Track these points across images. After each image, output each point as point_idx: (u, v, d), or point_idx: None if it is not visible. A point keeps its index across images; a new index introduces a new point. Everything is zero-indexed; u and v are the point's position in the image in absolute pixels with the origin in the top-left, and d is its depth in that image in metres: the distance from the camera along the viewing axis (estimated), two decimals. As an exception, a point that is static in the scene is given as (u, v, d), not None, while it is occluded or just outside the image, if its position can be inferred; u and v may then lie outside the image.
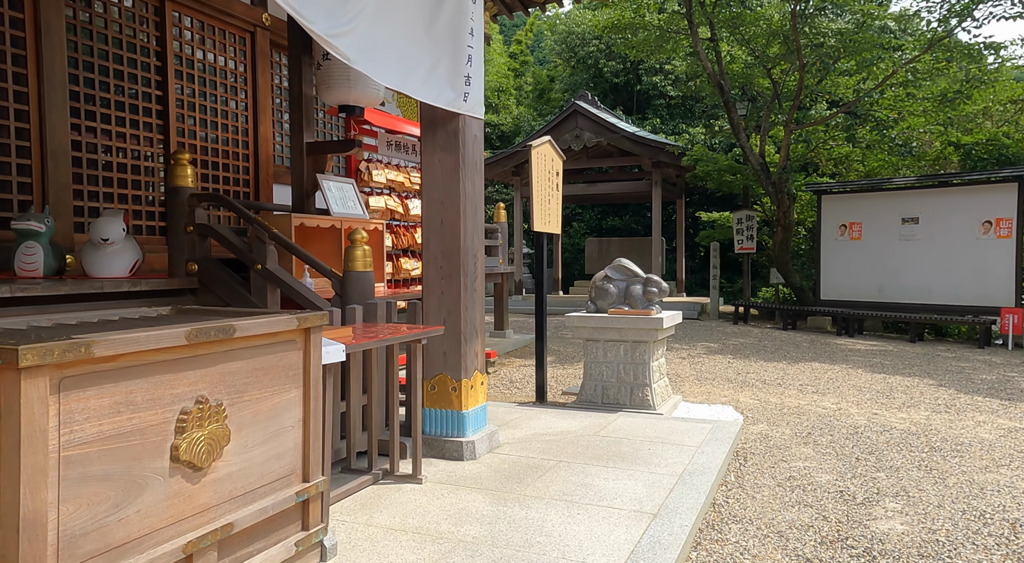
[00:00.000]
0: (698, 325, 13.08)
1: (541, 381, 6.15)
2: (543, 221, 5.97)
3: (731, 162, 14.11)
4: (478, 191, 4.28)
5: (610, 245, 19.11)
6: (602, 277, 5.86)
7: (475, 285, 4.23)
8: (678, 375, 7.70)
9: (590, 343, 5.74)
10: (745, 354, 9.38)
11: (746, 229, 14.44)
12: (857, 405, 6.23)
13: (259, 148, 6.61)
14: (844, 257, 12.75)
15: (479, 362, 4.29)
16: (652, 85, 21.46)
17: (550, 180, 6.14)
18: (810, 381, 7.39)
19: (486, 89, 24.11)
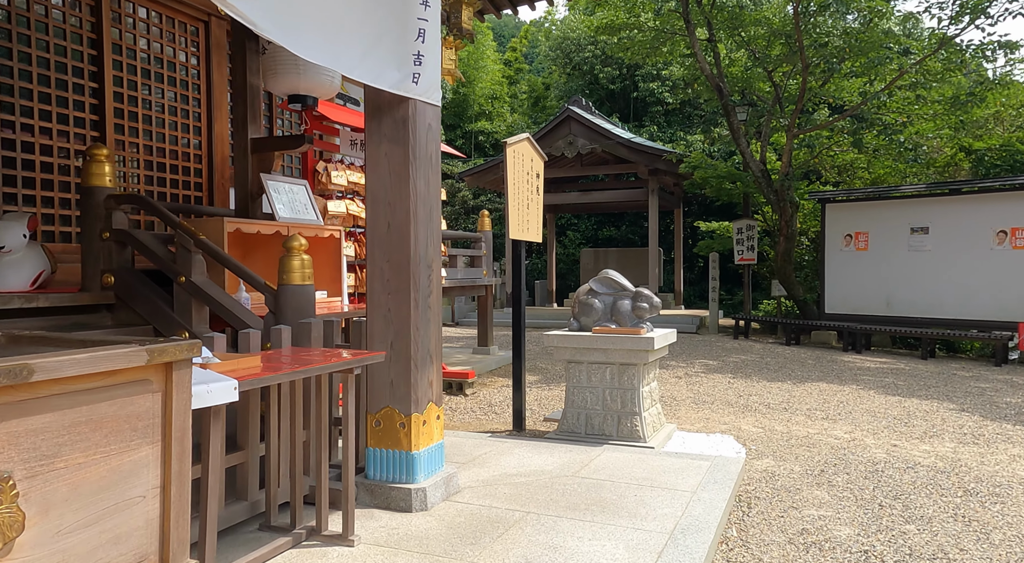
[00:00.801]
0: (696, 340, 12.42)
1: (519, 406, 5.49)
2: (521, 228, 5.34)
3: (731, 169, 13.51)
4: (433, 190, 3.64)
5: (607, 256, 18.49)
6: (586, 291, 5.22)
7: (429, 301, 3.59)
8: (673, 398, 7.03)
9: (572, 365, 5.09)
10: (747, 373, 8.71)
11: (746, 239, 13.82)
12: (873, 434, 5.56)
13: (214, 148, 5.98)
14: (850, 269, 12.11)
15: (434, 392, 3.63)
16: (649, 91, 20.92)
17: (529, 182, 5.51)
18: (818, 405, 6.73)
19: (478, 95, 23.60)
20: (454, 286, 8.52)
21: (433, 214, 3.65)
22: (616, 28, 12.65)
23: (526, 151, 5.42)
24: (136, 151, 5.38)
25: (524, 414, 5.55)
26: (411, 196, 3.46)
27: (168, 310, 3.98)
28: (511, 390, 7.31)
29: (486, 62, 24.08)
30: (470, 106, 23.14)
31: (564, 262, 21.19)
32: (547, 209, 18.93)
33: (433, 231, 3.64)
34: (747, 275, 14.19)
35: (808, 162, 13.17)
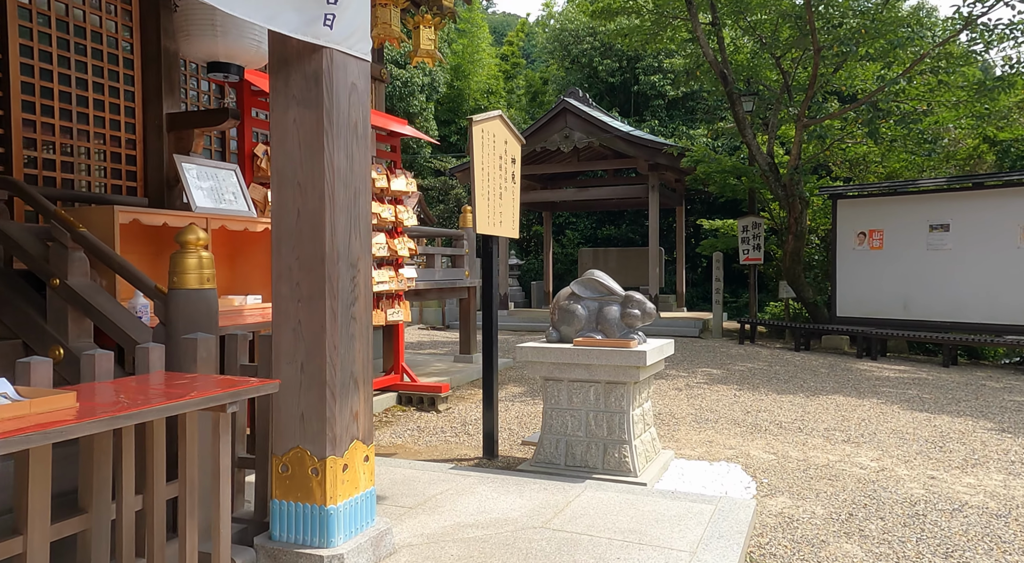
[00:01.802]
0: (699, 345, 11.62)
1: (490, 429, 4.70)
2: (491, 221, 4.55)
3: (736, 163, 12.70)
4: (359, 169, 2.85)
5: (606, 255, 17.70)
6: (567, 295, 4.43)
7: (353, 311, 2.80)
8: (672, 415, 6.23)
9: (550, 383, 4.30)
10: (754, 383, 7.91)
11: (752, 238, 13.01)
12: (905, 462, 4.76)
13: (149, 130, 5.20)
14: (863, 269, 11.30)
15: (360, 427, 2.84)
16: (650, 84, 20.12)
17: (502, 168, 4.72)
18: (837, 423, 5.93)
19: (473, 90, 22.83)
20: (431, 288, 7.74)
21: (359, 199, 2.86)
22: (613, 12, 11.85)
23: (498, 131, 4.63)
24: (51, 133, 4.60)
25: (496, 438, 4.76)
26: (326, 174, 2.67)
27: (40, 319, 3.21)
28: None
29: (481, 56, 23.30)
30: (465, 101, 22.38)
31: (562, 262, 20.40)
32: (543, 206, 18.13)
33: (358, 220, 2.85)
34: (753, 276, 13.39)
35: (818, 155, 12.36)
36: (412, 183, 6.28)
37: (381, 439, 5.32)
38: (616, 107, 20.96)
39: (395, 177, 6.11)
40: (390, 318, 6.17)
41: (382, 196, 6.10)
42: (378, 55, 8.92)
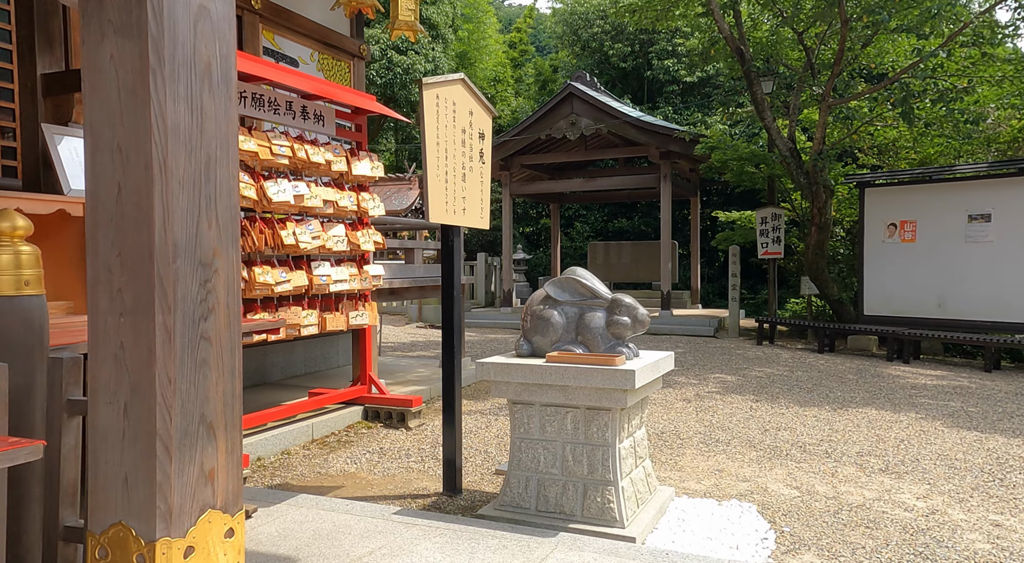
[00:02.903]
0: (714, 346, 10.73)
1: (451, 456, 3.89)
2: (449, 207, 3.73)
3: (754, 150, 11.76)
4: (216, 129, 2.03)
5: (620, 250, 16.80)
6: (541, 298, 3.60)
7: (205, 329, 1.99)
8: (677, 435, 5.39)
9: (519, 408, 3.48)
10: (773, 393, 7.03)
11: (772, 230, 12.07)
12: (959, 502, 3.89)
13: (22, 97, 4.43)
14: (894, 263, 10.35)
15: (219, 491, 2.04)
16: (664, 69, 19.15)
17: (466, 144, 3.90)
18: (871, 445, 5.05)
19: (480, 78, 21.99)
20: (411, 287, 6.95)
21: (218, 171, 2.04)
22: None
23: (460, 99, 3.81)
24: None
25: (460, 467, 3.95)
26: (154, 133, 1.86)
27: None
28: (481, 417, 5.73)
29: (488, 43, 22.43)
30: (471, 89, 21.54)
31: (571, 256, 19.54)
32: (550, 198, 17.27)
33: (214, 201, 2.04)
34: (772, 271, 12.46)
35: (843, 140, 11.38)
36: (378, 167, 5.49)
37: (333, 466, 4.54)
38: (628, 94, 20.02)
39: (358, 160, 5.31)
40: (353, 322, 5.39)
41: (341, 182, 5.31)
42: (356, 29, 8.12)
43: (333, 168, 5.06)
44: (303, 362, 7.23)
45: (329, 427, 5.31)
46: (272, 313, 4.64)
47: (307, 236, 4.75)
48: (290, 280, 4.69)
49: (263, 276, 4.44)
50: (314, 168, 4.93)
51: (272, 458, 4.63)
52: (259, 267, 4.46)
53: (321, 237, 4.91)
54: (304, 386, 6.50)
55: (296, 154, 4.66)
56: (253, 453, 4.55)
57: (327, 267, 5.05)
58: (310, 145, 4.84)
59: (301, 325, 4.82)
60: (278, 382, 6.77)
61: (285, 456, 4.69)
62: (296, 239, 4.64)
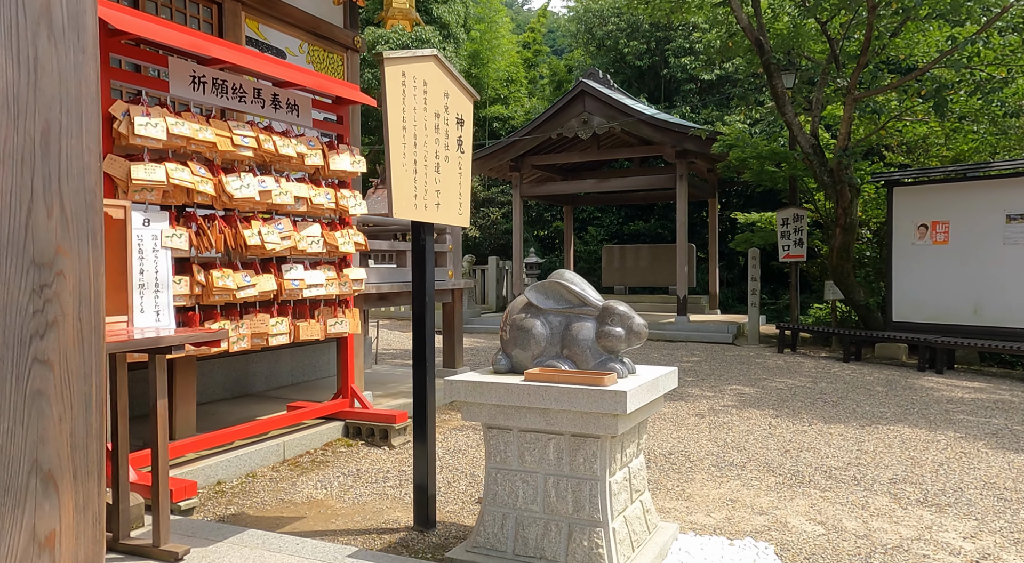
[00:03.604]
0: (732, 354, 10.16)
1: (423, 482, 3.41)
2: (419, 200, 3.27)
3: (774, 147, 11.18)
4: (62, 89, 1.58)
5: (635, 253, 16.25)
6: (522, 305, 3.12)
7: (40, 350, 1.52)
8: (687, 457, 4.86)
9: (494, 433, 3.00)
10: (795, 407, 6.48)
11: (793, 232, 11.47)
12: (1015, 544, 3.34)
13: None
14: (924, 266, 9.71)
15: (64, 557, 1.58)
16: (681, 67, 18.58)
17: (440, 130, 3.43)
18: (906, 470, 4.50)
19: (492, 78, 21.59)
20: (403, 292, 6.50)
21: (59, 142, 1.58)
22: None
23: (433, 77, 3.35)
24: None
25: (433, 498, 3.47)
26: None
27: None
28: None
29: (501, 42, 22.01)
30: (484, 90, 21.12)
31: (585, 260, 19.02)
32: (563, 200, 16.78)
33: (60, 182, 1.58)
34: (794, 275, 11.85)
35: (870, 137, 10.76)
36: (360, 162, 5.05)
37: (300, 491, 4.09)
38: (644, 93, 19.48)
39: (336, 154, 4.88)
40: (332, 330, 4.95)
41: (318, 177, 4.88)
42: (350, 19, 7.71)
43: (307, 162, 4.63)
44: (289, 372, 6.81)
45: (304, 445, 4.87)
46: (235, 321, 4.21)
47: (275, 236, 4.31)
48: (255, 284, 4.25)
49: (223, 280, 4.01)
50: (284, 162, 4.50)
51: (235, 482, 4.19)
52: (218, 270, 4.03)
53: (292, 237, 4.47)
54: (289, 398, 6.07)
55: (262, 145, 4.23)
56: (212, 477, 4.12)
57: (300, 270, 4.61)
58: (279, 136, 4.41)
59: (269, 334, 4.39)
60: (261, 393, 6.35)
61: (249, 479, 4.25)
62: (262, 239, 4.21)
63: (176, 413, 4.25)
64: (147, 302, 3.61)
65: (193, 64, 4.04)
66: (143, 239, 3.60)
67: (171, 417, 4.26)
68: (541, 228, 20.56)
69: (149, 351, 2.83)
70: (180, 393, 4.28)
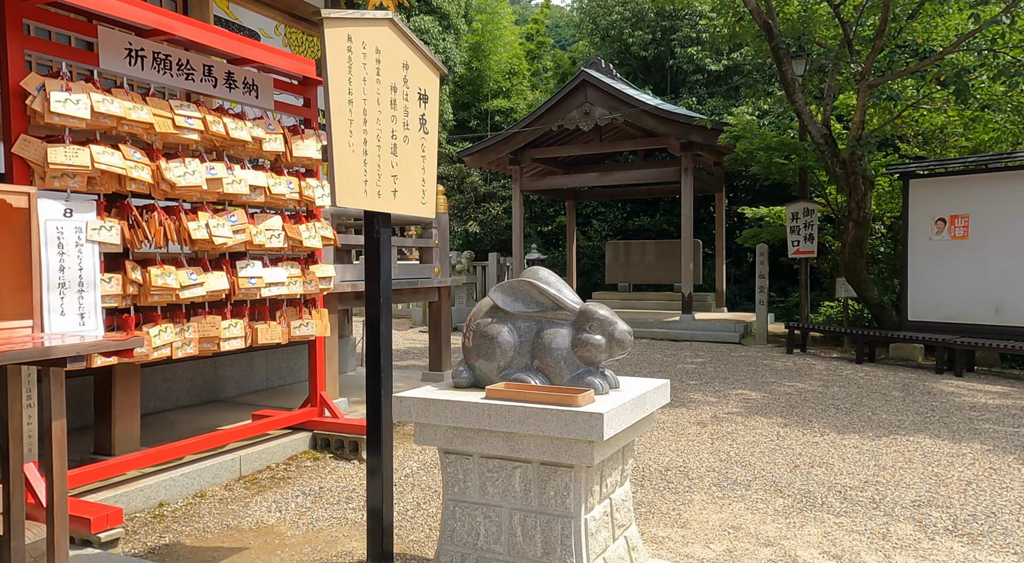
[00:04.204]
0: (738, 354, 9.68)
1: (377, 506, 2.95)
2: (368, 187, 2.82)
3: (783, 138, 10.67)
4: None
5: (639, 249, 15.74)
6: (487, 309, 2.68)
7: None
8: (685, 472, 4.41)
9: (452, 460, 2.56)
10: (805, 414, 6.00)
11: (804, 227, 10.97)
12: (1062, 586, 2.87)
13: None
14: (942, 263, 9.21)
15: None
16: (687, 58, 18.05)
17: (396, 104, 2.99)
18: (930, 490, 4.03)
19: (494, 71, 21.11)
20: (383, 289, 6.05)
21: None
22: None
23: (388, 45, 2.90)
24: None
25: (390, 528, 3.02)
26: None
27: None
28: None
29: (503, 34, 21.51)
30: (485, 83, 20.65)
31: (589, 257, 18.54)
32: (565, 194, 16.31)
33: None
34: (804, 271, 11.35)
35: (884, 127, 10.24)
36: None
37: (250, 515, 3.66)
38: (650, 85, 18.95)
39: (300, 139, 4.44)
40: (296, 333, 4.52)
41: (280, 165, 4.44)
42: None
43: (266, 148, 4.19)
44: (264, 376, 6.39)
45: (265, 459, 4.44)
46: (181, 324, 3.78)
47: (226, 229, 3.88)
48: (203, 282, 3.82)
49: (163, 278, 3.58)
50: (238, 147, 4.06)
51: (179, 503, 3.77)
52: (157, 267, 3.60)
53: (247, 231, 4.04)
54: (261, 404, 5.66)
55: (210, 128, 3.79)
56: (153, 498, 3.70)
57: (257, 267, 4.18)
58: (231, 118, 3.97)
59: (220, 338, 3.96)
60: (231, 399, 5.94)
61: (197, 500, 3.83)
62: (210, 233, 3.78)
63: (116, 426, 3.83)
64: (69, 303, 3.18)
65: (130, 36, 3.60)
66: (64, 232, 3.17)
67: (110, 430, 3.84)
68: (544, 224, 20.09)
69: (38, 363, 2.40)
70: (120, 403, 3.86)
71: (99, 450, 3.89)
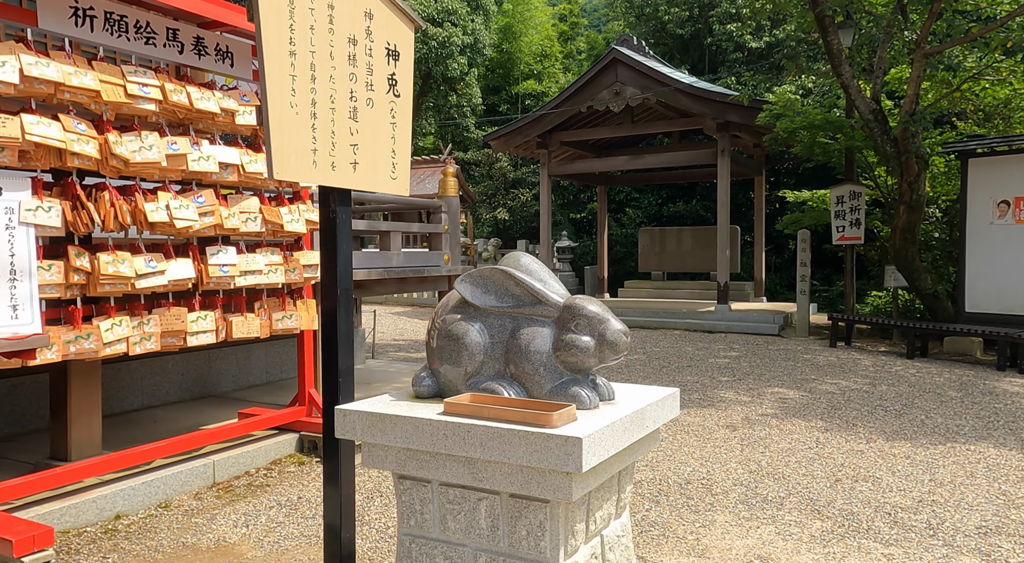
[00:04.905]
0: (776, 348, 9.04)
1: (335, 523, 2.53)
2: (318, 157, 2.37)
3: (828, 116, 9.91)
4: None
5: (674, 235, 15.09)
6: (455, 303, 2.21)
7: None
8: (708, 485, 3.89)
9: (407, 486, 2.10)
10: (849, 418, 5.41)
11: (850, 211, 10.23)
12: None
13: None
14: (1005, 250, 8.41)
15: None
16: (726, 35, 17.19)
17: (356, 60, 2.52)
18: (997, 512, 3.44)
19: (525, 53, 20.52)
20: (386, 279, 5.65)
21: None
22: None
23: (343, -11, 2.43)
24: None
25: (350, 554, 2.60)
26: None
27: None
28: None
29: (534, 15, 20.88)
30: (516, 65, 20.08)
31: (621, 244, 17.91)
32: (596, 179, 15.70)
33: None
34: (850, 259, 10.60)
35: (940, 102, 9.41)
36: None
37: (213, 530, 3.28)
38: (687, 65, 18.15)
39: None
40: (279, 326, 4.12)
41: (256, 141, 4.03)
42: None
43: (239, 121, 3.78)
44: (263, 369, 6.05)
45: (244, 464, 4.07)
46: (140, 316, 3.41)
47: (190, 211, 3.49)
48: (164, 271, 3.44)
49: (114, 265, 3.20)
50: (206, 119, 3.66)
51: (138, 516, 3.41)
52: (108, 253, 3.22)
53: (217, 213, 3.64)
54: (256, 400, 5.32)
55: (169, 98, 3.39)
56: (110, 509, 3.34)
57: (230, 254, 3.78)
58: (196, 88, 3.56)
59: (187, 332, 3.58)
60: (225, 395, 5.61)
61: (159, 512, 3.47)
62: (170, 215, 3.38)
63: (72, 429, 3.49)
64: (-2, 294, 2.82)
65: (79, -6, 3.21)
66: (-9, 213, 2.81)
67: (66, 434, 3.50)
68: (576, 210, 19.50)
69: None
70: (77, 403, 3.51)
71: (55, 455, 3.56)
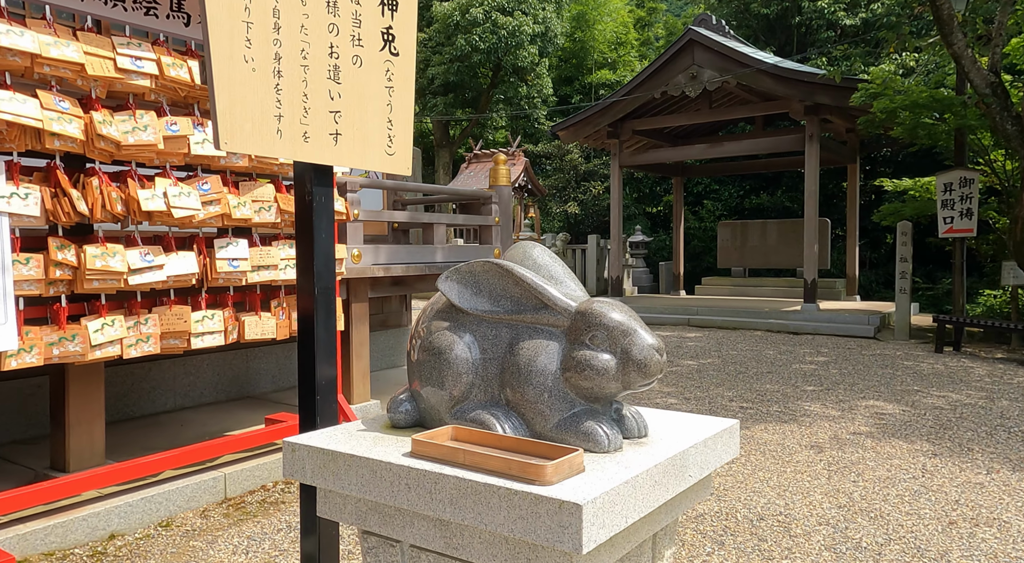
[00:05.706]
0: (872, 353, 8.10)
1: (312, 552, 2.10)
2: (284, 125, 1.93)
3: (934, 93, 8.84)
4: None
5: (757, 230, 14.14)
6: (441, 307, 1.72)
7: None
8: (786, 522, 3.25)
9: (372, 543, 1.63)
10: (961, 439, 4.59)
11: (960, 200, 9.12)
12: None
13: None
14: None
15: None
16: (816, 13, 15.96)
17: (338, 8, 2.07)
18: None
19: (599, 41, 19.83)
20: (426, 274, 5.23)
21: None
22: None
23: (319, -80, 1.97)
24: None
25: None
26: None
27: None
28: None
29: (609, 1, 20.12)
30: (589, 54, 19.40)
31: (699, 239, 17.00)
32: (671, 170, 14.88)
33: None
34: (959, 254, 9.46)
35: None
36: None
37: (205, 559, 2.93)
38: (772, 46, 17.00)
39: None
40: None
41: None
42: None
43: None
44: (305, 369, 5.76)
45: (261, 477, 3.73)
46: (137, 316, 3.09)
47: (191, 199, 3.15)
48: (163, 265, 3.11)
49: (104, 259, 2.89)
50: (212, 99, 3.31)
51: (136, 535, 3.11)
52: (97, 246, 2.91)
53: (223, 201, 3.30)
54: (294, 403, 5.02)
55: (166, 73, 3.05)
56: (104, 528, 3.05)
57: (242, 247, 3.43)
58: (199, 61, 3.22)
59: (190, 333, 3.25)
60: (263, 396, 5.34)
61: (159, 531, 3.15)
62: (167, 203, 3.05)
63: (70, 437, 3.23)
64: (-34, 291, 2.54)
65: (63, -40, 2.91)
66: (-42, 202, 2.53)
67: (63, 443, 3.24)
68: (652, 204, 18.69)
69: None
70: (76, 410, 3.25)
71: (55, 465, 3.31)
